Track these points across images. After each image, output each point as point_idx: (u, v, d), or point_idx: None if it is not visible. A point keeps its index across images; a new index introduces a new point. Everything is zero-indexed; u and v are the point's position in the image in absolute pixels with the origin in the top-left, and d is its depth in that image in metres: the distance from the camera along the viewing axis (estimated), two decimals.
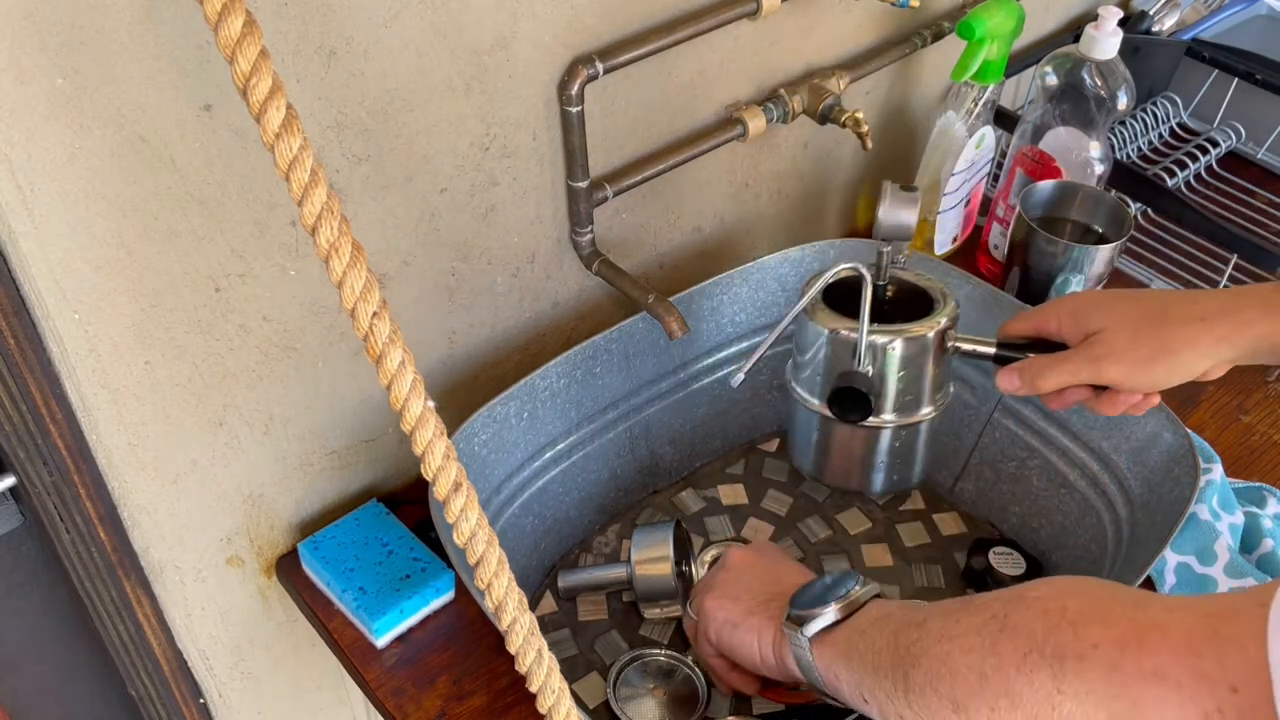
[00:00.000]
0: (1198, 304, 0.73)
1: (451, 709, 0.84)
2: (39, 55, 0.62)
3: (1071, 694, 0.52)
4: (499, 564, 0.63)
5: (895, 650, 0.62)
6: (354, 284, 0.58)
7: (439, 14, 0.78)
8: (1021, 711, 0.54)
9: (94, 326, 0.73)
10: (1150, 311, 0.73)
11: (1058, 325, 0.77)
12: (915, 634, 0.61)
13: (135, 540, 0.85)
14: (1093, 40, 1.10)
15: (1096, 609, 0.53)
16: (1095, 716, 0.51)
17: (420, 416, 0.60)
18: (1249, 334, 0.71)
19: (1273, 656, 0.46)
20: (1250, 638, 0.47)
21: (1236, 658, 0.47)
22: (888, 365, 0.80)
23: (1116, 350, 0.73)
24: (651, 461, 1.01)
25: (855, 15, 1.10)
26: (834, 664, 0.68)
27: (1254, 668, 0.46)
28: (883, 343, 0.79)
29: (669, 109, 0.99)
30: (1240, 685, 0.47)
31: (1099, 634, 0.52)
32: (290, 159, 0.55)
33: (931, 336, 0.80)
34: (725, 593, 0.79)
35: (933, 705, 0.59)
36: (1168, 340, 0.72)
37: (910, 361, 0.81)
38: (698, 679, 0.85)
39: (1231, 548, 0.88)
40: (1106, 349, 0.73)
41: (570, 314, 1.04)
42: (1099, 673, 0.51)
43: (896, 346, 0.80)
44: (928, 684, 0.59)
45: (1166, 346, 0.72)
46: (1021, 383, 0.77)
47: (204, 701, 0.99)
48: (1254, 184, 1.37)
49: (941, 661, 0.58)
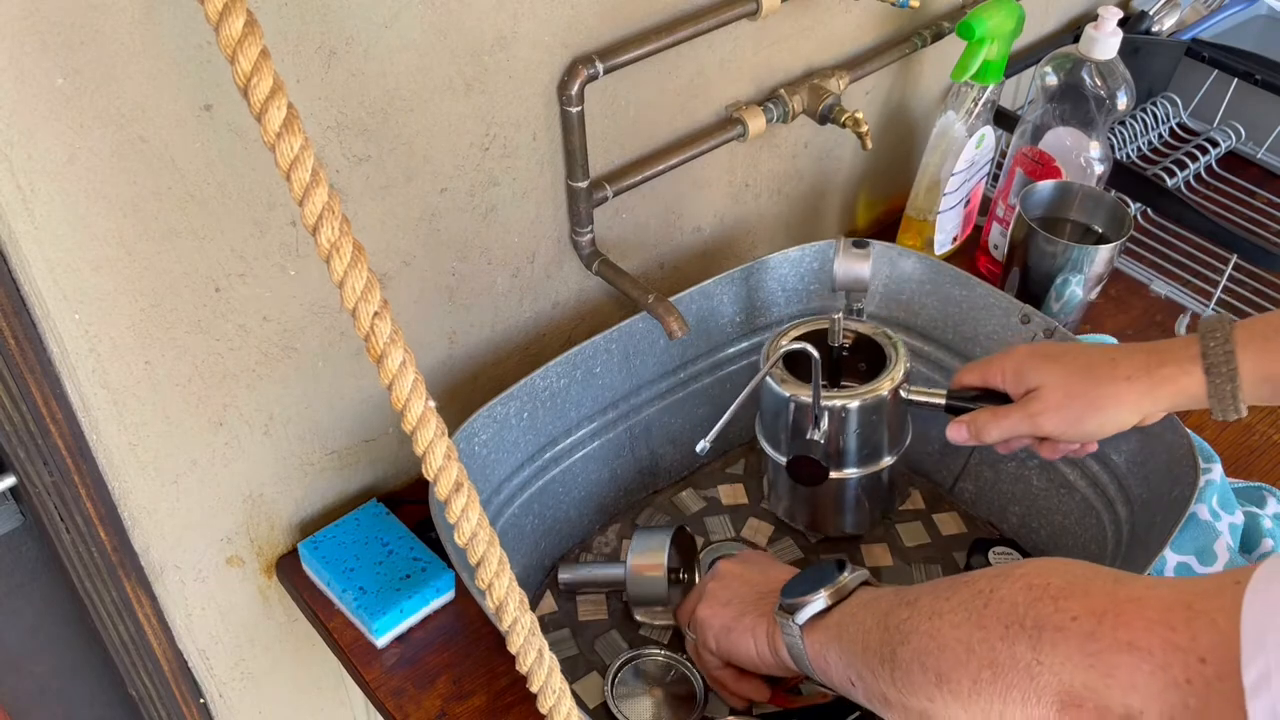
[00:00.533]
0: (1120, 365, 0.79)
1: (451, 709, 0.84)
2: (39, 55, 0.62)
3: (1049, 664, 0.54)
4: (500, 564, 0.63)
5: (885, 629, 0.64)
6: (355, 284, 0.58)
7: (439, 14, 0.78)
8: (1002, 681, 0.55)
9: (94, 326, 0.73)
10: (1081, 370, 0.80)
11: (1001, 379, 0.84)
12: (906, 612, 0.63)
13: (135, 540, 0.85)
14: (1093, 40, 1.10)
15: (1078, 584, 0.55)
16: (1070, 684, 0.53)
17: (421, 416, 0.60)
18: (1167, 391, 0.78)
19: (1245, 627, 0.47)
20: (1221, 612, 0.48)
21: (1207, 631, 0.49)
22: (846, 425, 0.87)
23: (1051, 407, 0.80)
24: (651, 461, 1.01)
25: (855, 15, 1.10)
26: (825, 648, 0.69)
27: (1223, 640, 0.48)
28: (838, 406, 0.86)
29: (669, 109, 0.99)
30: (1209, 656, 0.48)
31: (1078, 607, 0.54)
32: (291, 159, 0.55)
33: (886, 394, 0.87)
34: (716, 600, 0.81)
35: (916, 680, 0.60)
36: (1095, 398, 0.79)
37: (867, 418, 0.87)
38: (696, 679, 0.85)
39: (1231, 548, 0.88)
40: (1042, 405, 0.80)
41: (570, 314, 1.04)
42: (1076, 642, 0.53)
43: (852, 407, 0.86)
44: (914, 659, 0.61)
45: (1094, 404, 0.79)
46: (969, 434, 0.84)
47: (204, 701, 0.99)
48: (1254, 184, 1.37)
49: (931, 637, 0.60)
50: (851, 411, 0.86)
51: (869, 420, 0.87)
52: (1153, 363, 0.78)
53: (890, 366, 0.88)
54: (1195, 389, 0.77)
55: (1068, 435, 0.81)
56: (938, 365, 1.01)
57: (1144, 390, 0.78)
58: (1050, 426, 0.81)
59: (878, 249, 1.00)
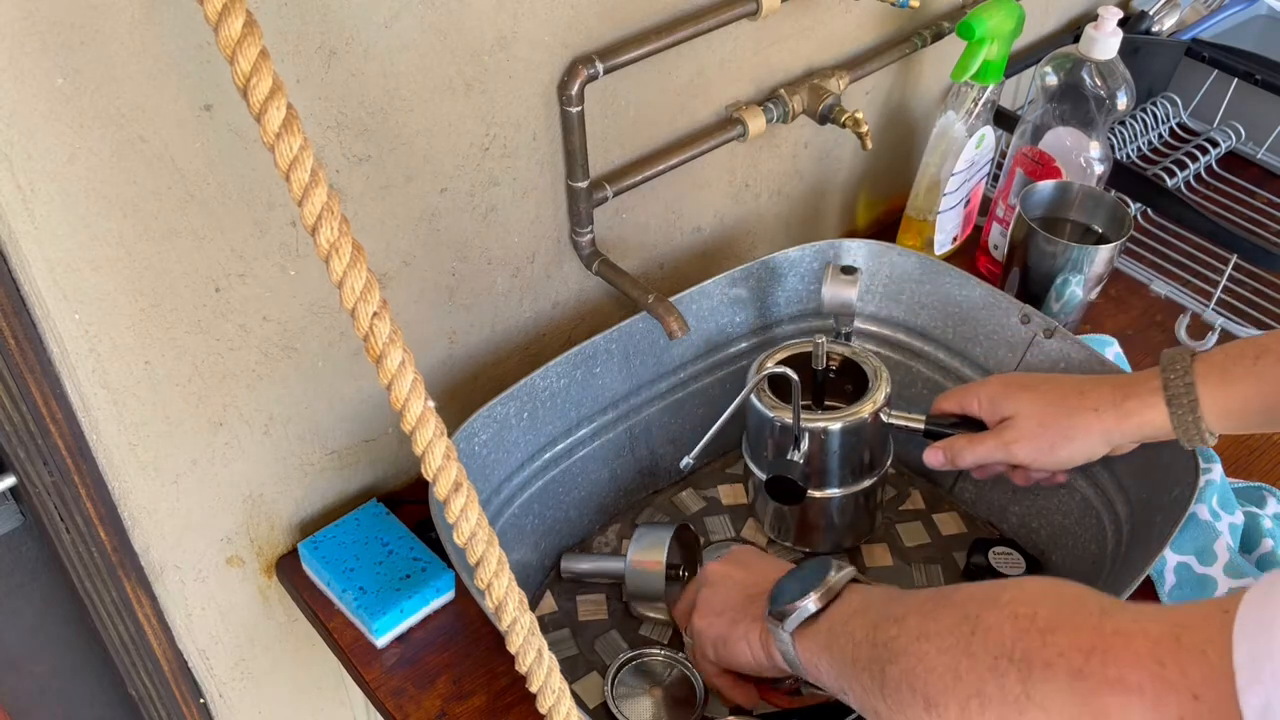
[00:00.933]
0: (1088, 397, 0.82)
1: (451, 709, 0.84)
2: (39, 55, 0.62)
3: (1039, 700, 0.53)
4: (499, 564, 0.63)
5: (874, 644, 0.63)
6: (354, 284, 0.58)
7: (439, 14, 0.78)
8: (991, 712, 0.55)
9: (94, 326, 0.73)
10: (1053, 401, 0.83)
11: (977, 407, 0.87)
12: (894, 630, 0.62)
13: (135, 540, 0.85)
14: (1093, 40, 1.10)
15: (1065, 615, 0.54)
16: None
17: (420, 416, 0.60)
18: (1133, 423, 0.80)
19: (1238, 659, 0.46)
20: (1211, 645, 0.47)
21: (1198, 665, 0.47)
22: (826, 446, 0.88)
23: (1024, 436, 0.83)
24: (651, 461, 1.01)
25: (855, 15, 1.10)
26: (816, 656, 0.69)
27: (1216, 674, 0.46)
28: (819, 428, 0.87)
29: (669, 109, 0.99)
30: (1202, 692, 0.47)
31: (1066, 641, 0.53)
32: (291, 159, 0.56)
33: (867, 417, 0.88)
34: (709, 609, 0.80)
35: (905, 700, 0.60)
36: (1066, 429, 0.82)
37: (847, 440, 0.88)
38: (695, 679, 0.85)
39: (1231, 548, 0.88)
40: (1015, 434, 0.83)
41: (570, 314, 1.04)
42: (1064, 679, 0.52)
43: (834, 429, 0.87)
44: (903, 679, 0.60)
45: (1065, 434, 0.82)
46: (945, 459, 0.87)
47: (204, 701, 0.99)
48: (1254, 184, 1.37)
49: (918, 659, 0.59)
50: (832, 434, 0.87)
51: (849, 442, 0.88)
52: (1118, 396, 0.80)
53: (872, 390, 0.89)
54: (1160, 421, 0.79)
55: (1039, 464, 0.84)
56: (937, 365, 1.01)
57: (1112, 423, 0.80)
58: (1023, 455, 0.84)
59: (878, 249, 1.01)
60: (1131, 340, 1.11)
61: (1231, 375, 0.76)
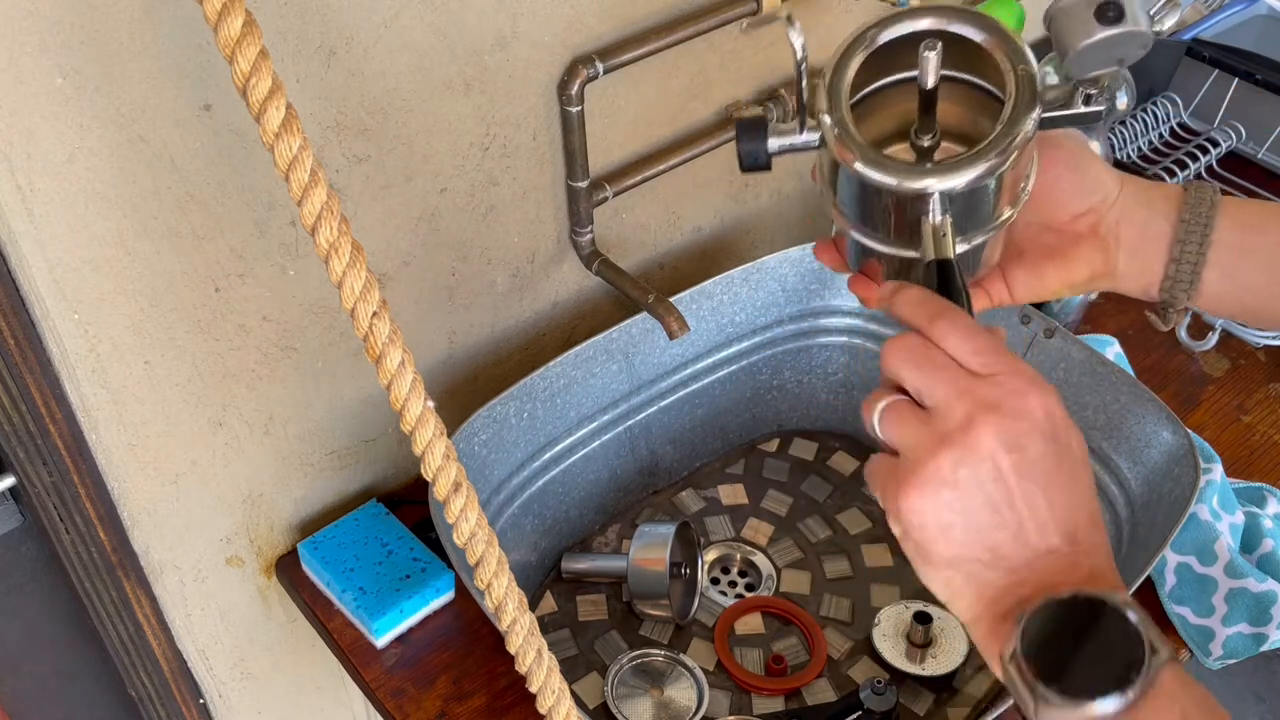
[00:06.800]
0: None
1: (451, 709, 0.84)
2: (39, 55, 0.62)
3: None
4: (499, 564, 0.63)
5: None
6: (354, 284, 0.58)
7: (439, 14, 0.78)
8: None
9: (94, 326, 0.73)
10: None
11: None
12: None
13: (135, 540, 0.85)
14: None
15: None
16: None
17: (420, 416, 0.60)
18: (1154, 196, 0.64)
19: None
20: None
21: None
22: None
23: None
24: (651, 461, 1.01)
25: (855, 15, 1.10)
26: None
27: None
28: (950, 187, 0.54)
29: (669, 109, 0.99)
30: None
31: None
32: (290, 159, 0.56)
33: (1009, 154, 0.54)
34: (945, 506, 0.48)
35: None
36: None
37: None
38: (696, 679, 0.85)
39: (1231, 548, 0.88)
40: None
41: (570, 314, 1.04)
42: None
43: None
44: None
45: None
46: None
47: (204, 701, 0.99)
48: (1254, 184, 1.37)
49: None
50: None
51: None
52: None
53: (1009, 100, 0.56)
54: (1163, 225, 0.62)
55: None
56: None
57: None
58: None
59: None
60: (1131, 340, 1.11)
61: (1252, 206, 0.62)
